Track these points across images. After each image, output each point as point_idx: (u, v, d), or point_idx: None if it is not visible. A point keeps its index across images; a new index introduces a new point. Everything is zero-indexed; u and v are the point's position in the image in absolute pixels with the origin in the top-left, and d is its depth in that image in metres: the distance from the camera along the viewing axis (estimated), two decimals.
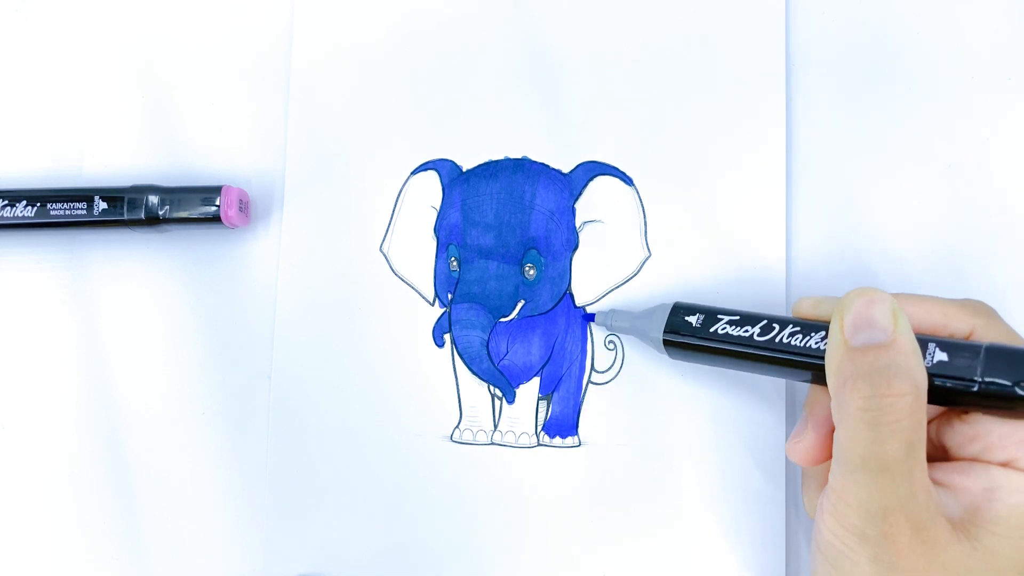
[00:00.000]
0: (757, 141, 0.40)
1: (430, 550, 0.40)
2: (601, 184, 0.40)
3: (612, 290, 0.40)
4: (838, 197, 0.40)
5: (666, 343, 0.35)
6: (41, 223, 0.41)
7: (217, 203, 0.40)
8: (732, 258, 0.39)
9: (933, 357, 0.30)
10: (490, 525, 0.39)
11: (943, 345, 0.30)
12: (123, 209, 0.41)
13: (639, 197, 0.40)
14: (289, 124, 0.43)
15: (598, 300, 0.40)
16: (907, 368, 0.29)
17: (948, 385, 0.29)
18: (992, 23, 0.40)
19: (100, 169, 0.44)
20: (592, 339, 0.40)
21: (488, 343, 0.40)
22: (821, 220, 0.40)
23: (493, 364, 0.40)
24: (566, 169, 0.41)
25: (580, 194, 0.41)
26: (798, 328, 0.32)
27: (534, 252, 0.40)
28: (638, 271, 0.40)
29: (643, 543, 0.38)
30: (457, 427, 0.40)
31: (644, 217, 0.40)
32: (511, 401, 0.40)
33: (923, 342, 0.30)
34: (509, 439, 0.40)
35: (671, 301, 0.36)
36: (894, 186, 0.39)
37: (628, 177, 0.40)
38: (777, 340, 0.32)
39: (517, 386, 0.40)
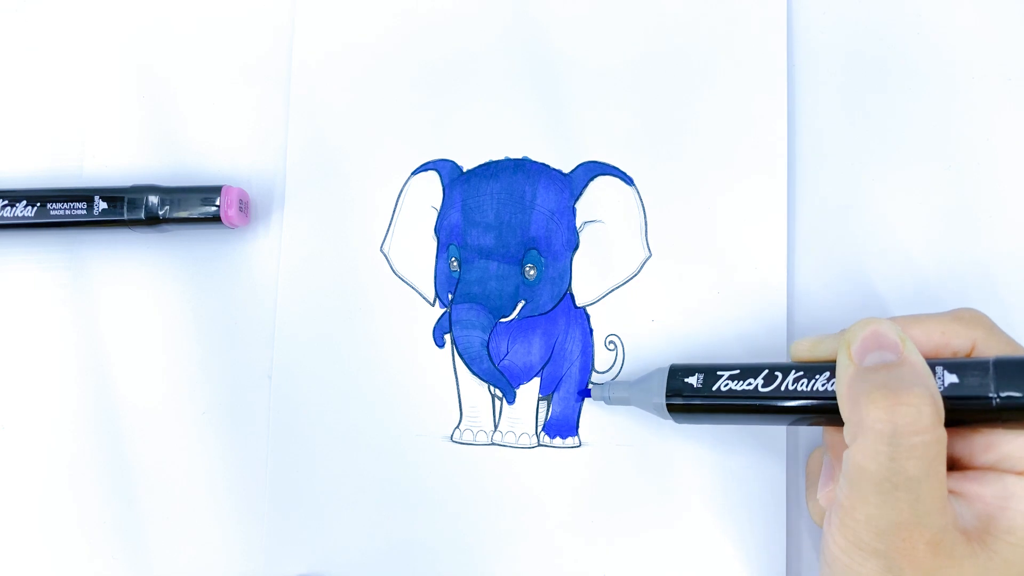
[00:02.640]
0: (758, 140, 0.40)
1: (430, 550, 0.40)
2: (601, 184, 0.40)
3: (612, 290, 0.40)
4: (839, 196, 0.40)
5: (670, 408, 0.34)
6: (41, 223, 0.41)
7: (217, 203, 0.40)
8: (733, 258, 0.39)
9: (944, 380, 0.29)
10: (490, 525, 0.39)
11: (950, 366, 0.29)
12: (123, 209, 0.41)
13: (639, 197, 0.40)
14: (289, 124, 0.43)
15: (598, 300, 0.40)
16: (920, 381, 0.28)
17: (964, 406, 0.29)
18: (992, 23, 0.40)
19: (100, 169, 0.44)
20: (593, 339, 0.40)
21: (488, 343, 0.40)
22: (822, 219, 0.40)
23: (493, 364, 0.40)
24: (566, 169, 0.41)
25: (580, 194, 0.40)
26: (801, 372, 0.31)
27: (534, 252, 0.40)
28: (638, 271, 0.40)
29: (643, 543, 0.38)
30: (457, 427, 0.40)
31: (644, 217, 0.40)
32: (511, 401, 0.40)
33: (930, 366, 0.29)
34: (509, 439, 0.40)
35: (666, 364, 0.35)
36: (894, 185, 0.39)
37: (629, 177, 0.40)
38: (783, 388, 0.31)
39: (517, 386, 0.40)
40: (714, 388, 0.33)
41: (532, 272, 0.40)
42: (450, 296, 0.41)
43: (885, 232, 0.39)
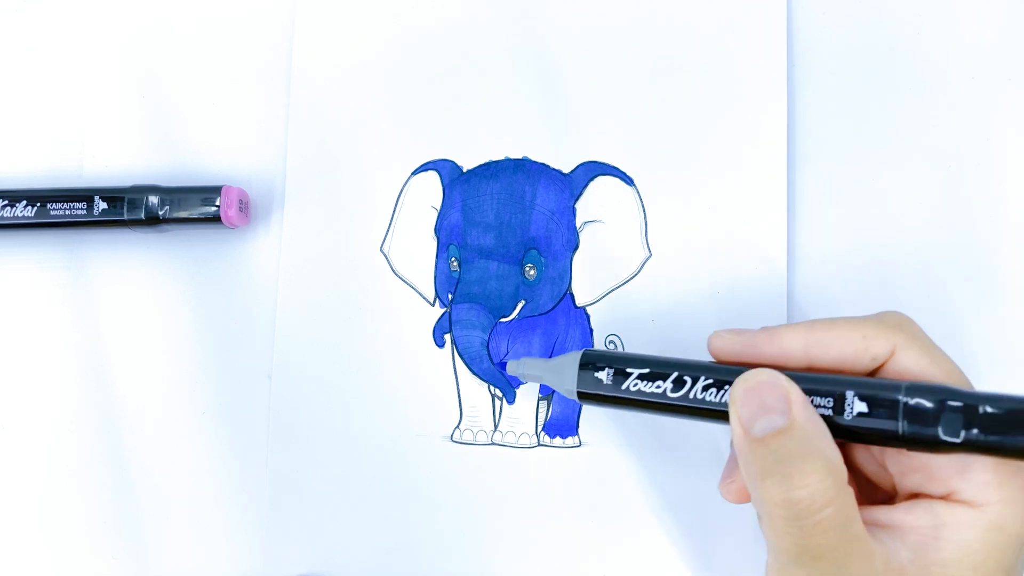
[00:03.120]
0: (758, 140, 0.40)
1: (430, 550, 0.40)
2: (602, 184, 0.40)
3: (612, 290, 0.40)
4: (839, 196, 0.40)
5: (580, 397, 0.34)
6: (41, 223, 0.41)
7: (217, 203, 0.40)
8: (733, 258, 0.39)
9: (852, 409, 0.28)
10: (490, 525, 0.39)
11: (862, 394, 0.28)
12: (123, 209, 0.41)
13: (639, 197, 0.40)
14: (289, 124, 0.43)
15: (598, 300, 0.40)
16: (814, 448, 0.27)
17: (872, 434, 0.28)
18: (993, 23, 0.40)
19: (100, 169, 0.44)
20: (593, 339, 0.40)
21: (488, 343, 0.40)
22: (822, 219, 0.40)
23: (493, 364, 0.40)
24: (566, 169, 0.41)
25: (580, 194, 0.40)
26: (711, 381, 0.31)
27: (534, 252, 0.40)
28: (638, 271, 0.40)
29: (643, 543, 0.38)
30: (457, 427, 0.40)
31: (644, 217, 0.40)
32: (511, 401, 0.40)
33: (840, 392, 0.29)
34: (509, 439, 0.40)
35: (580, 350, 0.34)
36: (895, 185, 0.39)
37: (628, 177, 0.40)
38: (690, 396, 0.31)
39: (517, 386, 0.40)
40: (623, 387, 0.32)
41: (532, 272, 0.40)
42: (450, 296, 0.41)
43: (885, 232, 0.39)
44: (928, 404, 0.27)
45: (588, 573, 0.39)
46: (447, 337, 0.41)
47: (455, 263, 0.41)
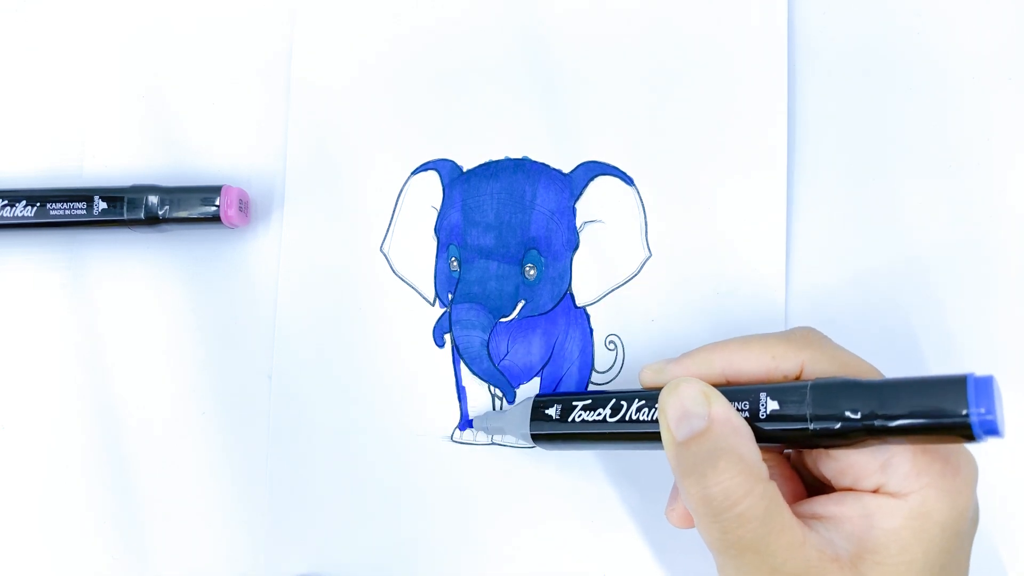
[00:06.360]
0: (759, 141, 0.40)
1: (430, 550, 0.40)
2: (602, 184, 0.40)
3: (612, 290, 0.40)
4: (839, 197, 0.40)
5: (534, 437, 0.36)
6: (41, 223, 0.41)
7: (217, 203, 0.40)
8: (733, 258, 0.39)
9: (766, 407, 0.30)
10: (490, 525, 0.39)
11: (773, 392, 0.30)
12: (123, 209, 0.41)
13: (640, 197, 0.40)
14: (289, 124, 0.43)
15: (598, 300, 0.40)
16: (728, 446, 0.29)
17: (787, 432, 0.29)
18: (993, 23, 0.40)
19: (100, 169, 0.44)
20: (593, 339, 0.40)
21: (488, 343, 0.40)
22: (821, 220, 0.40)
23: (493, 364, 0.40)
24: (566, 169, 0.41)
25: (581, 194, 0.40)
26: (643, 402, 0.33)
27: (534, 252, 0.40)
28: (638, 271, 0.40)
29: (643, 543, 0.38)
30: (457, 427, 0.40)
31: (644, 217, 0.40)
32: (511, 401, 0.40)
33: (755, 392, 0.30)
34: (509, 439, 0.40)
35: (532, 397, 0.37)
36: (894, 185, 0.39)
37: (629, 177, 0.40)
38: (627, 418, 0.33)
39: (517, 386, 0.40)
40: (570, 419, 0.34)
41: (532, 272, 0.40)
42: (450, 296, 0.41)
43: (884, 232, 0.39)
44: (830, 397, 0.28)
45: (587, 573, 0.39)
46: (447, 337, 0.41)
47: (455, 263, 0.41)
